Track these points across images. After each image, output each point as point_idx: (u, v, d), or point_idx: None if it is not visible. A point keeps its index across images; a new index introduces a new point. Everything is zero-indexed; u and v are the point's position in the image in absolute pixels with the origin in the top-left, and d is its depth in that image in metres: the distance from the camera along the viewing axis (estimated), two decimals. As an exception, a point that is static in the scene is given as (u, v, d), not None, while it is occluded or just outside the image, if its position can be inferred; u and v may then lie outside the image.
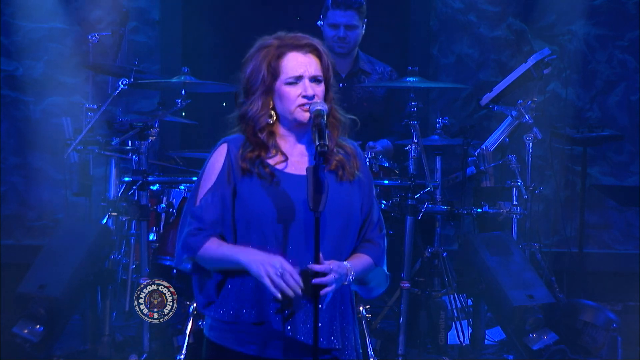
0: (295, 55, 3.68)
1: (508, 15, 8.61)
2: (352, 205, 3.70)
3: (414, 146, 6.31)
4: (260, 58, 3.69)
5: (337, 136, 3.74)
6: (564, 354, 6.14)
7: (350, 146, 3.79)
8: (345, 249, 3.71)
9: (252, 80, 3.69)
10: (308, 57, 3.69)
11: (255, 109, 3.68)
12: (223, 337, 3.69)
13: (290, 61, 3.68)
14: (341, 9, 6.94)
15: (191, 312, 6.03)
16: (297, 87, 3.66)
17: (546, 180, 8.32)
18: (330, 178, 3.67)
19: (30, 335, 6.03)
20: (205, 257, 3.65)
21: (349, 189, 3.71)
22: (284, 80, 3.67)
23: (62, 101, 8.37)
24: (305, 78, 3.66)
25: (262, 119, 3.68)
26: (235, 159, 3.68)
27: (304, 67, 3.67)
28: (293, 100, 3.65)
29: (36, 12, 8.39)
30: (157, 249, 6.32)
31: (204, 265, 3.68)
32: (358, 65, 7.15)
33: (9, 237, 8.44)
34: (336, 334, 3.68)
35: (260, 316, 3.62)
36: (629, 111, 8.65)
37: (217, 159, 3.71)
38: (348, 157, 3.74)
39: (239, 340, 3.66)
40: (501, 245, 6.47)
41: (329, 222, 3.63)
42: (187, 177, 6.41)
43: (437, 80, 8.46)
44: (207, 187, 3.68)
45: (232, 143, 3.72)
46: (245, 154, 3.68)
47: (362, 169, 3.78)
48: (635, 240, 8.64)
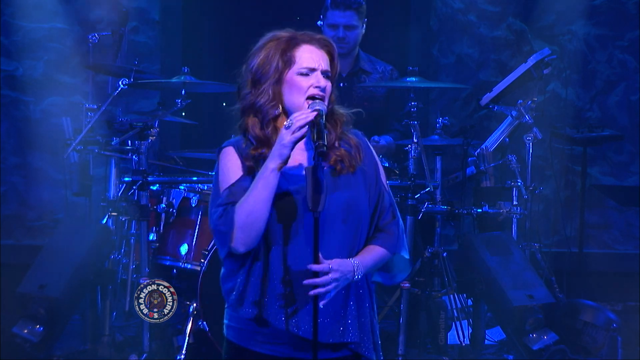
0: (310, 48, 3.69)
1: (508, 15, 8.61)
2: (356, 197, 3.69)
3: (414, 146, 6.31)
4: (273, 47, 3.67)
5: (340, 130, 3.73)
6: (564, 354, 6.14)
7: (354, 137, 3.78)
8: (356, 243, 3.69)
9: (264, 69, 3.66)
10: (322, 51, 3.70)
11: (265, 99, 3.66)
12: (241, 336, 3.69)
13: (305, 52, 3.67)
14: (340, 10, 6.94)
15: (191, 312, 6.03)
16: (309, 78, 3.66)
17: (546, 180, 8.32)
18: (328, 174, 3.66)
19: (30, 335, 6.03)
20: (241, 216, 3.55)
21: (350, 181, 3.70)
22: (296, 70, 3.66)
23: (62, 101, 8.37)
24: (318, 70, 3.66)
25: (271, 110, 3.67)
26: (242, 158, 3.67)
27: (319, 60, 3.67)
28: (304, 89, 3.65)
29: (36, 12, 8.39)
30: (157, 249, 6.33)
31: (248, 230, 3.57)
32: (359, 65, 7.15)
33: (9, 237, 8.44)
34: (352, 328, 3.66)
35: (271, 317, 3.62)
36: (629, 111, 8.65)
37: (227, 159, 3.69)
38: (350, 149, 3.73)
39: (254, 340, 3.67)
40: (501, 245, 6.47)
41: (330, 219, 3.62)
42: (187, 177, 6.42)
43: (437, 80, 8.46)
44: (227, 184, 3.66)
45: (235, 145, 3.71)
46: (249, 151, 3.67)
47: (366, 159, 3.76)
48: (635, 240, 8.64)
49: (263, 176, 3.55)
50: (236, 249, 3.60)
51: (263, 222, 3.57)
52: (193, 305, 6.03)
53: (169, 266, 6.30)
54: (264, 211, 3.56)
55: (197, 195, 6.29)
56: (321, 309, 3.57)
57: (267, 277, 3.63)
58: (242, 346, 3.69)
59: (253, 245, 3.60)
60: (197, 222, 6.28)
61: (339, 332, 3.66)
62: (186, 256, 6.24)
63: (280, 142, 3.54)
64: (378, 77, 7.16)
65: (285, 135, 3.53)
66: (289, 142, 3.52)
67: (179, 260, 6.26)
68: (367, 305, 3.73)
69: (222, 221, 3.60)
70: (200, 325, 5.98)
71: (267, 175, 3.55)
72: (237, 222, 3.57)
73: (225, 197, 3.62)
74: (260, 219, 3.56)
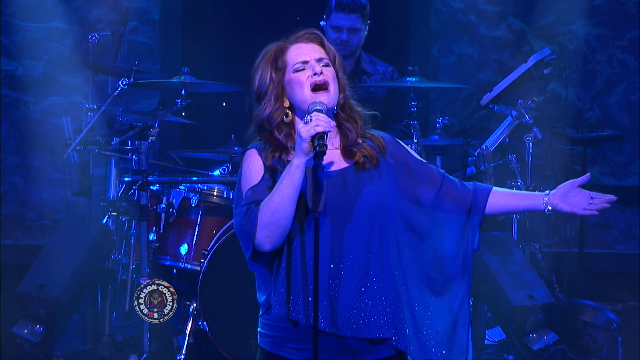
0: (298, 45, 3.74)
1: (508, 15, 8.61)
2: (380, 190, 3.69)
3: (414, 146, 6.31)
4: (264, 61, 3.74)
5: (360, 127, 3.75)
6: (564, 354, 6.15)
7: (377, 134, 3.80)
8: (383, 235, 3.67)
9: (262, 83, 3.72)
10: (310, 44, 3.74)
11: (269, 109, 3.70)
12: (273, 343, 3.71)
13: (293, 51, 3.73)
14: (345, 13, 6.92)
15: (191, 312, 6.04)
16: (305, 71, 3.69)
17: (546, 180, 8.31)
18: (350, 171, 3.68)
19: (30, 335, 6.03)
20: (266, 214, 3.56)
21: (373, 175, 3.70)
22: (291, 70, 3.70)
23: (62, 101, 8.37)
24: (311, 60, 3.70)
25: (276, 115, 3.70)
26: (264, 160, 3.70)
27: (308, 52, 3.71)
28: (304, 82, 3.68)
29: (36, 12, 8.39)
30: (157, 249, 6.33)
31: (274, 228, 3.57)
32: (360, 66, 7.14)
33: (9, 237, 8.44)
34: (384, 323, 3.64)
35: (296, 315, 3.62)
36: (629, 111, 8.65)
37: (250, 160, 3.71)
38: (373, 144, 3.75)
39: (286, 347, 3.68)
40: (501, 245, 6.47)
41: (355, 215, 3.63)
42: (187, 177, 6.42)
43: (437, 80, 8.46)
44: (250, 185, 3.67)
45: (257, 147, 3.74)
46: (267, 153, 3.69)
47: (391, 151, 3.76)
48: (635, 240, 8.64)
49: (288, 172, 3.57)
50: (261, 247, 3.60)
51: (288, 219, 3.58)
52: (193, 305, 6.03)
53: (169, 266, 6.30)
54: (290, 208, 3.57)
55: (197, 195, 6.29)
56: (341, 304, 3.59)
57: (290, 278, 3.63)
58: (274, 353, 3.70)
59: (278, 243, 3.61)
60: (197, 222, 6.28)
61: (376, 328, 3.63)
62: (186, 256, 6.24)
63: (300, 136, 3.56)
64: (379, 78, 7.16)
65: (302, 130, 3.56)
66: (307, 135, 3.54)
67: (179, 260, 6.26)
68: (405, 301, 3.69)
69: (245, 220, 3.60)
70: (200, 325, 5.98)
71: (292, 172, 3.57)
72: (261, 220, 3.58)
73: (248, 197, 3.64)
74: (285, 216, 3.57)
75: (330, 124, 3.58)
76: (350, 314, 3.62)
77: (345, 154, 3.72)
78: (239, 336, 5.93)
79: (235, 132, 6.53)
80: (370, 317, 3.64)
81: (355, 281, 3.63)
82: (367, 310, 3.63)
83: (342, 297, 3.62)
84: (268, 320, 3.70)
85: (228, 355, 5.92)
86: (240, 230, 3.63)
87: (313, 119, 3.56)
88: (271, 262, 3.66)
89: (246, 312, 5.86)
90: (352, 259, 3.64)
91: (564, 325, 6.31)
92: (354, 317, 3.62)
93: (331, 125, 3.59)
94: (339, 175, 3.68)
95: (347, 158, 3.71)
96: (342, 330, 3.61)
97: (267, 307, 3.70)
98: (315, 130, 3.54)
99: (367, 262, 3.64)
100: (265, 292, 3.71)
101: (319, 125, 3.54)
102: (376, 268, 3.65)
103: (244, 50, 8.34)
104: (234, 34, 8.49)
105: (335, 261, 3.63)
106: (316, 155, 3.55)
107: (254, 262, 3.66)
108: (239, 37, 8.33)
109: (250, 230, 3.59)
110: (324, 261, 3.60)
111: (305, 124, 3.56)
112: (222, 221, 6.25)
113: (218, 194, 6.32)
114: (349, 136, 3.73)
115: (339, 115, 3.75)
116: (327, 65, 3.71)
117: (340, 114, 3.75)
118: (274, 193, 3.58)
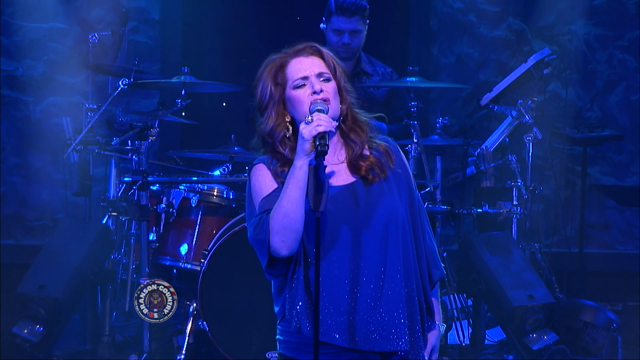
0: (298, 60, 3.73)
1: (508, 15, 8.61)
2: (392, 204, 3.70)
3: (414, 146, 6.31)
4: (265, 74, 3.73)
5: (365, 137, 3.75)
6: (564, 354, 6.14)
7: (384, 143, 3.79)
8: (400, 249, 3.69)
9: (263, 97, 3.72)
10: (310, 58, 3.73)
11: (271, 123, 3.70)
12: (290, 348, 3.72)
13: (294, 66, 3.71)
14: (346, 16, 6.91)
15: (191, 312, 6.03)
16: (306, 88, 3.68)
17: (546, 180, 8.32)
18: (360, 185, 3.68)
19: (30, 335, 6.03)
20: (277, 220, 3.57)
21: (384, 188, 3.71)
22: (291, 86, 3.69)
23: (62, 101, 8.37)
24: (311, 76, 3.69)
25: (279, 130, 3.70)
26: (273, 174, 3.70)
27: (308, 67, 3.70)
28: (305, 101, 3.66)
29: (36, 12, 8.39)
30: (157, 249, 6.33)
31: (287, 232, 3.58)
32: (359, 67, 7.14)
33: (9, 237, 8.44)
34: (401, 336, 3.66)
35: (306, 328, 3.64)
36: (629, 111, 8.65)
37: (260, 173, 3.72)
38: (380, 155, 3.75)
39: (302, 351, 3.68)
40: (501, 245, 6.47)
41: (368, 230, 3.64)
42: (187, 177, 6.42)
43: (437, 80, 8.46)
44: (261, 197, 3.68)
45: (266, 162, 3.74)
46: (276, 169, 3.70)
47: (397, 162, 3.77)
48: (635, 240, 8.64)
49: (292, 175, 3.58)
50: (278, 253, 3.60)
51: (299, 221, 3.58)
52: (193, 305, 6.03)
53: (169, 266, 6.30)
54: (299, 211, 3.58)
55: (197, 195, 6.29)
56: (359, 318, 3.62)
57: (305, 290, 3.64)
58: (295, 358, 3.71)
59: (294, 248, 3.61)
60: (197, 222, 6.29)
61: (392, 340, 3.65)
62: (186, 256, 6.25)
63: (302, 137, 3.57)
64: (378, 79, 7.16)
65: (304, 130, 3.56)
66: (309, 136, 3.54)
67: (179, 260, 6.26)
68: (418, 312, 3.72)
69: (258, 230, 3.61)
70: (200, 325, 5.98)
71: (295, 174, 3.57)
72: (273, 226, 3.58)
73: (262, 206, 3.65)
74: (295, 219, 3.57)
75: (332, 124, 3.58)
76: (368, 328, 3.64)
77: (351, 168, 3.72)
78: (239, 336, 5.93)
79: (235, 132, 6.53)
80: (387, 329, 3.65)
81: (371, 296, 3.64)
82: (383, 324, 3.64)
83: (359, 312, 3.63)
84: (286, 328, 3.71)
85: (228, 355, 5.92)
86: (255, 240, 3.64)
87: (314, 119, 3.56)
88: (286, 271, 3.67)
89: (246, 312, 5.87)
90: (367, 274, 3.64)
91: (564, 325, 6.31)
92: (371, 331, 3.64)
93: (332, 125, 3.59)
94: (348, 190, 3.68)
95: (354, 172, 3.71)
96: (361, 345, 3.63)
97: (282, 316, 3.70)
98: (317, 130, 3.54)
99: (382, 276, 3.65)
100: (280, 301, 3.72)
101: (321, 125, 3.54)
102: (391, 281, 3.66)
103: (244, 50, 8.35)
104: (234, 34, 8.48)
105: (351, 276, 3.63)
106: (318, 154, 3.54)
107: (271, 270, 3.67)
108: (239, 37, 8.32)
109: (263, 238, 3.60)
110: (341, 278, 3.62)
111: (307, 125, 3.56)
112: (222, 221, 6.25)
113: (218, 194, 6.33)
114: (354, 149, 3.72)
115: (343, 127, 3.74)
116: (328, 79, 3.70)
117: (343, 125, 3.74)
118: (282, 198, 3.58)
